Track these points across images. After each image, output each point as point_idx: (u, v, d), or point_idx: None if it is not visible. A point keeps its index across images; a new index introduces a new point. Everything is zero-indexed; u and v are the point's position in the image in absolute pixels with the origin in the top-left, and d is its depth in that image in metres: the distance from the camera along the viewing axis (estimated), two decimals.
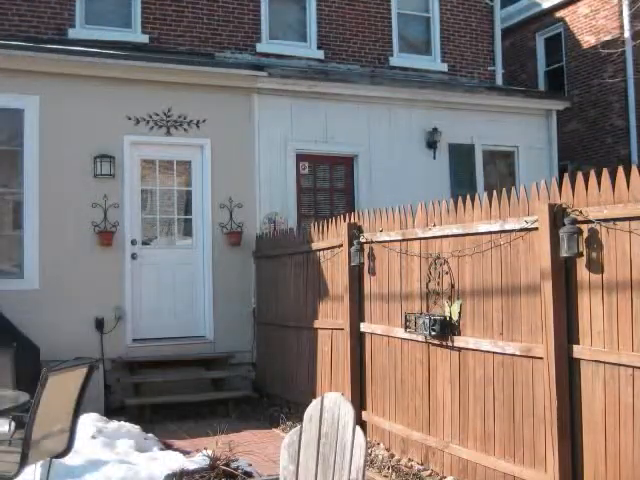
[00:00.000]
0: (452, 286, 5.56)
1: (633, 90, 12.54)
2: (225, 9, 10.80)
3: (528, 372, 4.80)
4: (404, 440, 6.12)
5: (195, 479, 4.48)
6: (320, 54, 11.29)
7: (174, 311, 9.19)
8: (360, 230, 6.77)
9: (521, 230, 4.86)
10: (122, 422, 6.91)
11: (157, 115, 9.15)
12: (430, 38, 12.28)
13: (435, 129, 10.61)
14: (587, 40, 13.30)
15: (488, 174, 11.21)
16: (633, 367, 4.06)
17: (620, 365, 4.13)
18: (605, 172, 4.31)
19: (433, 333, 5.60)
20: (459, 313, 5.48)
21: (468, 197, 5.45)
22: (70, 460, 5.24)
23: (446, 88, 10.99)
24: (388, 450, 6.32)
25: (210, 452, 4.66)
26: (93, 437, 6.34)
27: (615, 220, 4.17)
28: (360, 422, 6.38)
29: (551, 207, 4.53)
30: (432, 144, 10.65)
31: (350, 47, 11.57)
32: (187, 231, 9.54)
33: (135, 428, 6.81)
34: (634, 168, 4.10)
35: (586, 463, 4.38)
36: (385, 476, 5.81)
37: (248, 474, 4.56)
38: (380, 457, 6.17)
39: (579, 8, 13.44)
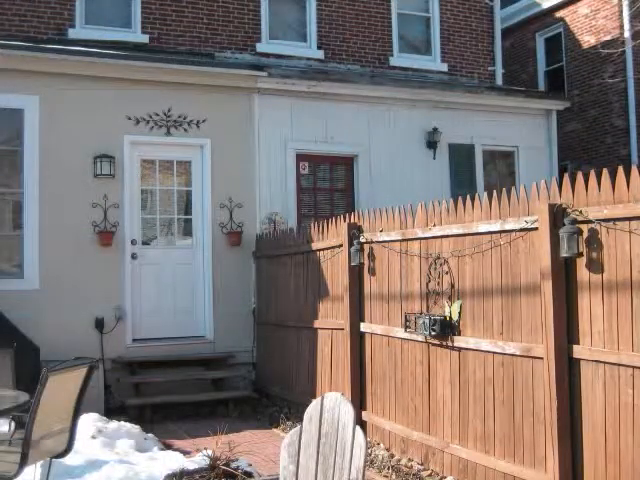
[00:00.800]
0: (452, 286, 5.56)
1: (633, 90, 12.54)
2: (225, 9, 10.80)
3: (528, 372, 4.80)
4: (404, 440, 6.12)
5: (195, 479, 4.48)
6: (320, 54, 11.30)
7: (174, 311, 9.19)
8: (360, 230, 6.77)
9: (521, 230, 4.86)
10: (122, 422, 6.91)
11: (157, 115, 9.15)
12: (430, 38, 12.28)
13: (435, 129, 10.60)
14: (587, 40, 13.30)
15: (488, 174, 11.22)
16: (633, 367, 4.06)
17: (620, 365, 4.14)
18: (605, 172, 4.32)
19: (433, 333, 5.60)
20: (459, 313, 5.48)
21: (468, 197, 5.45)
22: (70, 460, 5.25)
23: (446, 88, 10.99)
24: (388, 450, 6.32)
25: (210, 452, 4.66)
26: (93, 437, 6.34)
27: (615, 220, 4.17)
28: (360, 422, 6.38)
29: (551, 207, 4.53)
30: (432, 144, 10.65)
31: (350, 47, 11.57)
32: (187, 231, 9.54)
33: (135, 428, 6.81)
34: (634, 168, 4.10)
35: (586, 463, 4.38)
36: (385, 476, 5.81)
37: (248, 474, 4.56)
38: (380, 457, 6.17)
39: (579, 8, 13.44)
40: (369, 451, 6.26)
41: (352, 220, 6.94)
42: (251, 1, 10.95)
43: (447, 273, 5.61)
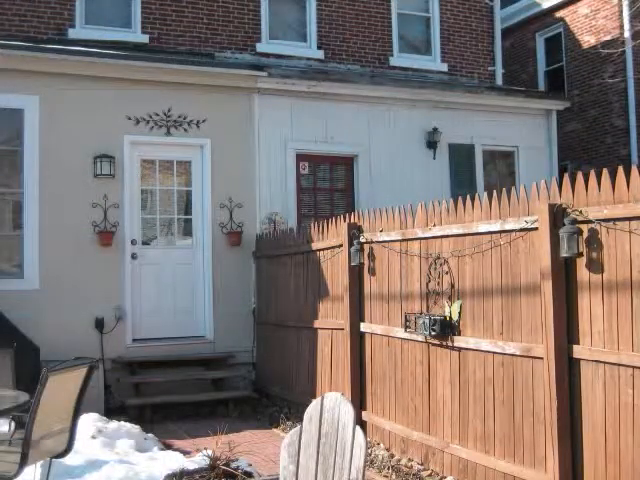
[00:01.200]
0: (452, 286, 5.56)
1: (633, 90, 12.54)
2: (225, 9, 10.80)
3: (528, 372, 4.80)
4: (404, 440, 6.12)
5: (195, 479, 4.48)
6: (320, 54, 11.30)
7: (174, 311, 9.19)
8: (360, 230, 6.77)
9: (521, 230, 4.86)
10: (122, 422, 6.91)
11: (157, 115, 9.15)
12: (430, 38, 12.28)
13: (435, 129, 10.60)
14: (587, 40, 13.30)
15: (488, 174, 11.22)
16: (633, 367, 4.06)
17: (620, 365, 4.14)
18: (605, 172, 4.32)
19: (433, 333, 5.60)
20: (459, 313, 5.48)
21: (468, 197, 5.45)
22: (70, 460, 5.25)
23: (446, 88, 10.99)
24: (388, 450, 6.32)
25: (210, 452, 4.66)
26: (93, 437, 6.34)
27: (615, 220, 4.17)
28: (360, 422, 6.38)
29: (551, 207, 4.53)
30: (432, 144, 10.65)
31: (350, 47, 11.57)
32: (187, 231, 9.54)
33: (135, 428, 6.81)
34: (634, 168, 4.11)
35: (586, 463, 4.38)
36: (385, 476, 5.81)
37: (248, 474, 4.56)
38: (380, 457, 6.18)
39: (579, 8, 13.44)
40: (369, 451, 6.26)
41: (352, 220, 6.94)
42: (251, 1, 10.96)
43: (447, 273, 5.61)
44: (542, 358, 4.61)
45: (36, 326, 7.96)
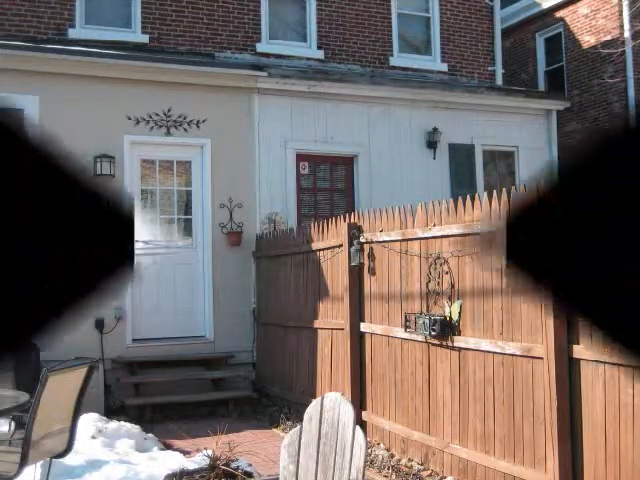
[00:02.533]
0: (452, 286, 5.56)
1: (633, 90, 12.54)
2: (225, 9, 10.80)
3: (528, 372, 4.80)
4: (404, 440, 6.12)
5: (195, 479, 4.49)
6: (320, 54, 11.29)
7: (174, 311, 9.19)
8: (360, 230, 6.77)
9: None
10: (122, 422, 6.91)
11: (157, 115, 9.15)
12: (430, 38, 12.28)
13: (435, 129, 10.60)
14: (587, 40, 13.30)
15: (488, 174, 11.22)
16: (633, 367, 4.06)
17: (620, 365, 4.14)
18: None
19: (433, 333, 5.60)
20: (459, 313, 5.48)
21: (468, 197, 5.45)
22: (70, 460, 5.25)
23: (446, 88, 10.99)
24: (388, 450, 6.32)
25: (210, 452, 4.66)
26: (93, 437, 6.35)
27: None
28: (360, 422, 6.38)
29: None
30: (432, 144, 10.65)
31: (350, 47, 11.57)
32: (187, 231, 9.54)
33: (135, 428, 6.81)
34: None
35: (586, 463, 4.38)
36: (385, 476, 5.81)
37: (248, 474, 4.56)
38: (380, 457, 6.18)
39: (579, 8, 13.44)
40: (369, 451, 6.26)
41: (352, 220, 6.94)
42: (251, 1, 10.95)
43: (447, 273, 5.61)
44: (542, 358, 4.61)
45: None
